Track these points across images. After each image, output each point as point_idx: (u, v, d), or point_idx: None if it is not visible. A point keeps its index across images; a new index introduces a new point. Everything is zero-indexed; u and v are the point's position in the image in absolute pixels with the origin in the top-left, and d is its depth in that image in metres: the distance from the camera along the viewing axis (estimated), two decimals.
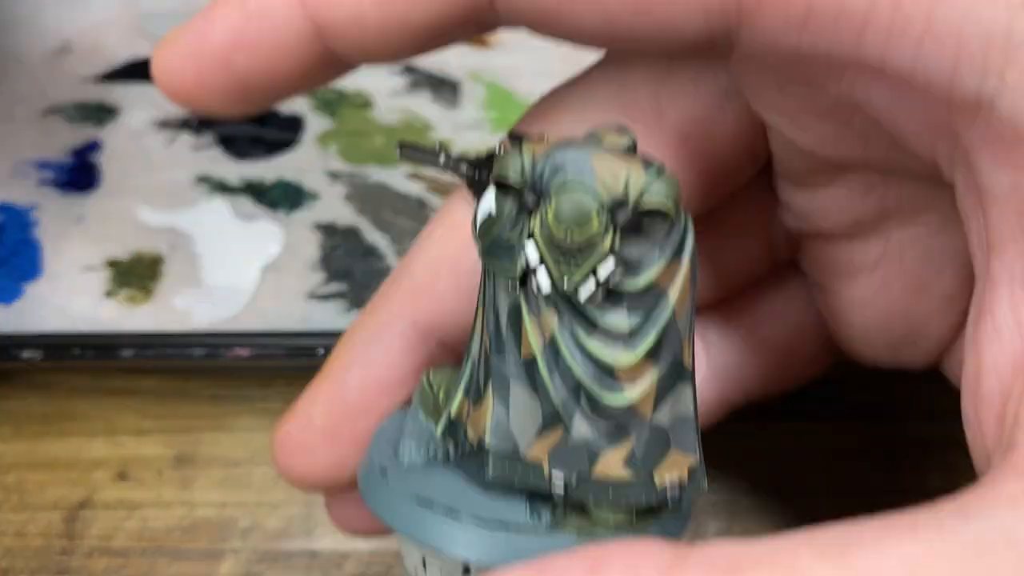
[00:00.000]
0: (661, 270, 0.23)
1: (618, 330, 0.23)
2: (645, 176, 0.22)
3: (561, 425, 0.24)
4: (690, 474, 0.24)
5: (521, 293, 0.24)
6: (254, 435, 0.40)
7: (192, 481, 0.38)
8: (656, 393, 0.24)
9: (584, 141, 0.23)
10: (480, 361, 0.25)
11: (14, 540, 0.37)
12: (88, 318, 0.41)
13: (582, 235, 0.22)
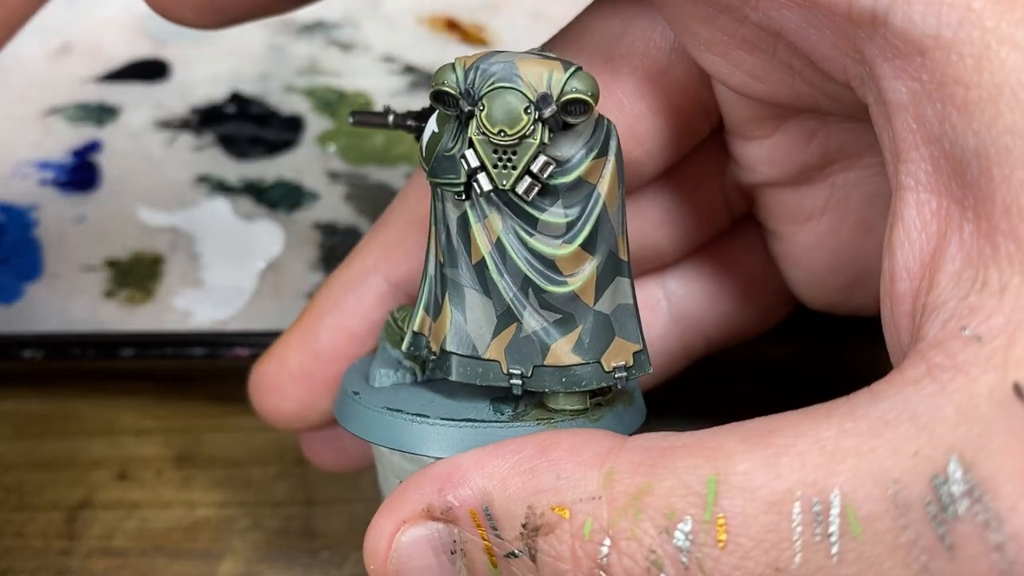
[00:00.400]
0: (589, 165, 0.26)
1: (556, 224, 0.26)
2: (564, 73, 0.25)
3: (514, 322, 0.26)
4: (635, 358, 0.27)
5: (467, 203, 0.26)
6: (254, 435, 0.40)
7: (192, 481, 0.39)
8: (596, 282, 0.26)
9: (511, 51, 0.26)
10: (436, 277, 0.27)
11: (14, 540, 0.37)
12: (88, 318, 0.41)
13: (514, 131, 0.25)
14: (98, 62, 0.51)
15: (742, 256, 0.34)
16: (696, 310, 0.34)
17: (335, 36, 0.52)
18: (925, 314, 0.23)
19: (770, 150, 0.30)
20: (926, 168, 0.24)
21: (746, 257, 0.34)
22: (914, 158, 0.24)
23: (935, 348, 0.22)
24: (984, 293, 0.22)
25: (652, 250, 0.33)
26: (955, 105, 0.23)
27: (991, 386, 0.21)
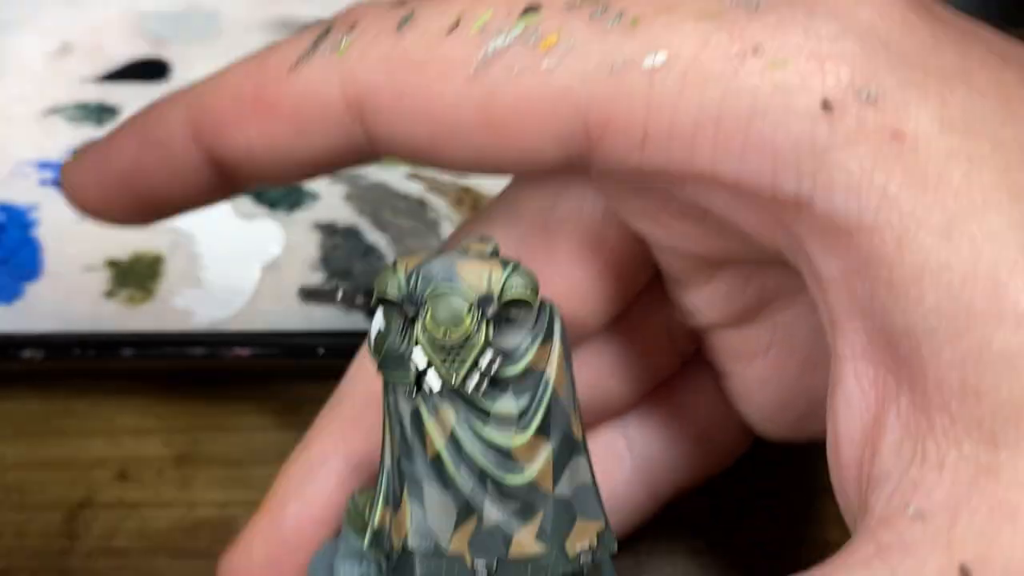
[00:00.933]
0: (535, 353, 0.26)
1: (508, 414, 0.26)
2: (504, 272, 0.25)
3: (474, 514, 0.26)
4: (599, 538, 0.27)
5: (419, 397, 0.26)
6: (254, 435, 0.40)
7: (192, 481, 0.39)
8: (553, 467, 0.26)
9: (450, 252, 0.26)
10: (393, 470, 0.27)
11: (14, 540, 0.37)
12: (88, 318, 0.41)
13: (458, 333, 0.25)
14: (98, 62, 0.51)
15: (698, 396, 0.34)
16: (658, 455, 0.34)
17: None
18: (870, 485, 0.24)
19: (709, 295, 0.30)
20: (861, 339, 0.24)
21: (702, 397, 0.34)
22: (849, 329, 0.24)
23: (882, 526, 0.23)
24: (924, 467, 0.23)
25: (605, 400, 0.33)
26: (882, 284, 0.23)
27: (939, 568, 0.22)
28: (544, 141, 0.26)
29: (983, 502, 0.22)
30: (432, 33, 0.26)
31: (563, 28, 0.26)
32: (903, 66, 0.24)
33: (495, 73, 0.26)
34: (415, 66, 0.26)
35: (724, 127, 0.24)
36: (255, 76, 0.28)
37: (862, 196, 0.23)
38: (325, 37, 0.28)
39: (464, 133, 0.26)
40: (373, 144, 0.28)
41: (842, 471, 0.25)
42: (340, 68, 0.27)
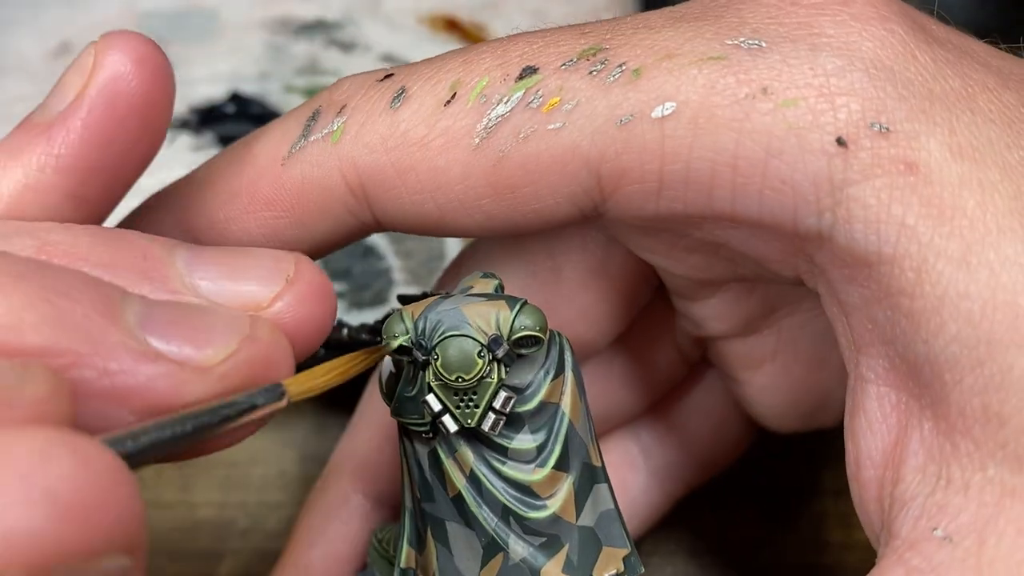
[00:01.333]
0: (549, 387, 0.26)
1: (526, 450, 0.26)
2: (511, 312, 0.25)
3: (500, 551, 0.26)
4: (625, 563, 0.27)
5: (435, 440, 0.26)
6: (254, 436, 0.40)
7: (192, 481, 0.38)
8: (575, 498, 0.26)
9: (455, 294, 0.26)
10: (415, 511, 0.27)
11: None
12: None
13: (471, 376, 0.25)
14: None
15: (706, 399, 0.35)
16: (672, 459, 0.35)
17: (335, 36, 0.52)
18: (894, 508, 0.24)
19: (713, 308, 0.31)
20: (884, 364, 0.25)
21: (710, 399, 0.35)
22: (872, 353, 0.25)
23: (911, 550, 0.23)
24: (949, 491, 0.23)
25: (616, 410, 0.34)
26: (903, 314, 0.24)
27: None
28: (556, 200, 0.26)
29: (1010, 524, 0.22)
30: (428, 107, 0.26)
31: (564, 87, 0.26)
32: (910, 95, 0.24)
33: (500, 140, 0.26)
34: (416, 143, 0.26)
35: (741, 170, 0.24)
36: (246, 172, 0.28)
37: (881, 228, 0.24)
38: (314, 121, 0.27)
39: (474, 202, 0.27)
40: (380, 222, 0.28)
41: (862, 491, 0.25)
42: (338, 154, 0.27)
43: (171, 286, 0.23)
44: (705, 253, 0.28)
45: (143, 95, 0.25)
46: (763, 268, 0.27)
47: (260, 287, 0.24)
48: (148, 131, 0.25)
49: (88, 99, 0.25)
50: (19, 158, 0.25)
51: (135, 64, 0.25)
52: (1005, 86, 0.25)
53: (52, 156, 0.25)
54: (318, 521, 0.33)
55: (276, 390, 0.23)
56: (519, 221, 0.27)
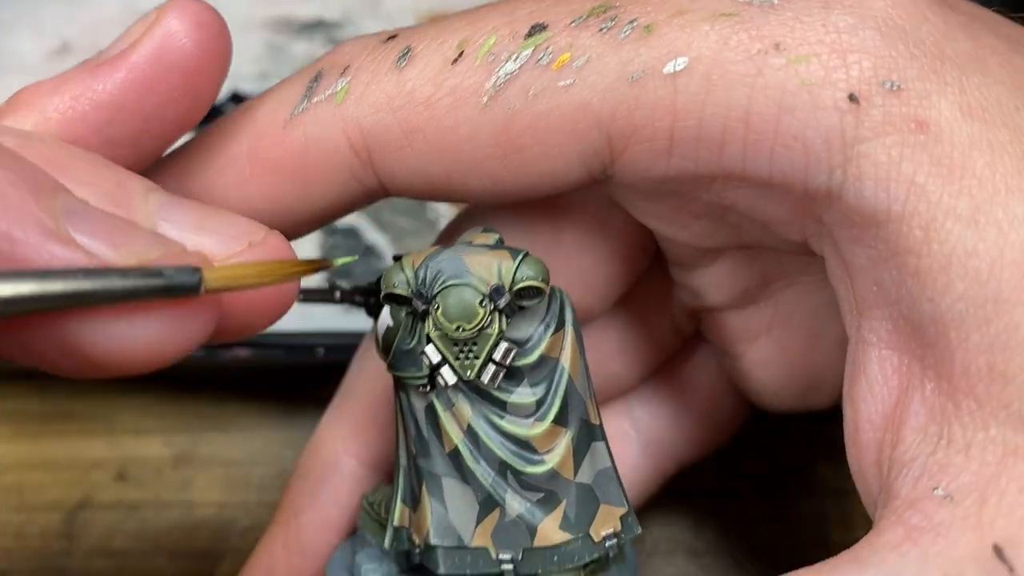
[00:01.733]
0: (549, 342, 0.26)
1: (525, 404, 0.26)
2: (513, 262, 0.25)
3: (497, 506, 0.26)
4: (622, 522, 0.27)
5: (432, 393, 0.26)
6: (254, 435, 0.40)
7: (192, 481, 0.38)
8: (573, 454, 0.26)
9: (457, 246, 0.26)
10: (410, 468, 0.27)
11: (13, 541, 0.37)
12: None
13: (471, 326, 0.25)
14: None
15: (700, 373, 0.34)
16: (663, 435, 0.35)
17: (335, 35, 0.52)
18: (894, 469, 0.24)
19: (712, 278, 0.31)
20: (887, 326, 0.25)
21: (703, 375, 0.34)
22: (875, 316, 0.25)
23: (910, 508, 0.23)
24: (951, 450, 0.23)
25: (609, 381, 0.33)
26: (909, 273, 0.24)
27: (972, 549, 0.22)
28: (565, 160, 0.26)
29: (1012, 483, 0.22)
30: (435, 66, 0.26)
31: (574, 44, 0.25)
32: (921, 55, 0.24)
33: (510, 98, 0.26)
34: (423, 102, 0.26)
35: (753, 126, 0.24)
36: (247, 136, 0.27)
37: (891, 186, 0.24)
38: (317, 83, 0.27)
39: (481, 163, 0.26)
40: (386, 186, 0.27)
41: (861, 455, 0.25)
42: (342, 115, 0.26)
43: (133, 216, 0.23)
44: (711, 218, 0.28)
45: (193, 56, 0.25)
46: (769, 232, 0.27)
47: (218, 244, 0.23)
48: (191, 92, 0.25)
49: (140, 47, 0.25)
50: (64, 86, 0.25)
51: (192, 26, 0.25)
52: (1015, 51, 0.25)
53: (92, 89, 0.25)
54: (308, 486, 0.32)
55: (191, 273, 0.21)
56: (526, 184, 0.27)
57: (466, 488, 0.26)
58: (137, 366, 0.22)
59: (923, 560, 0.22)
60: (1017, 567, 0.22)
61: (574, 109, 0.25)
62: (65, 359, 0.21)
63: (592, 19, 0.26)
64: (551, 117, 0.26)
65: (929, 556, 0.22)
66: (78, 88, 0.25)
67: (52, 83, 0.25)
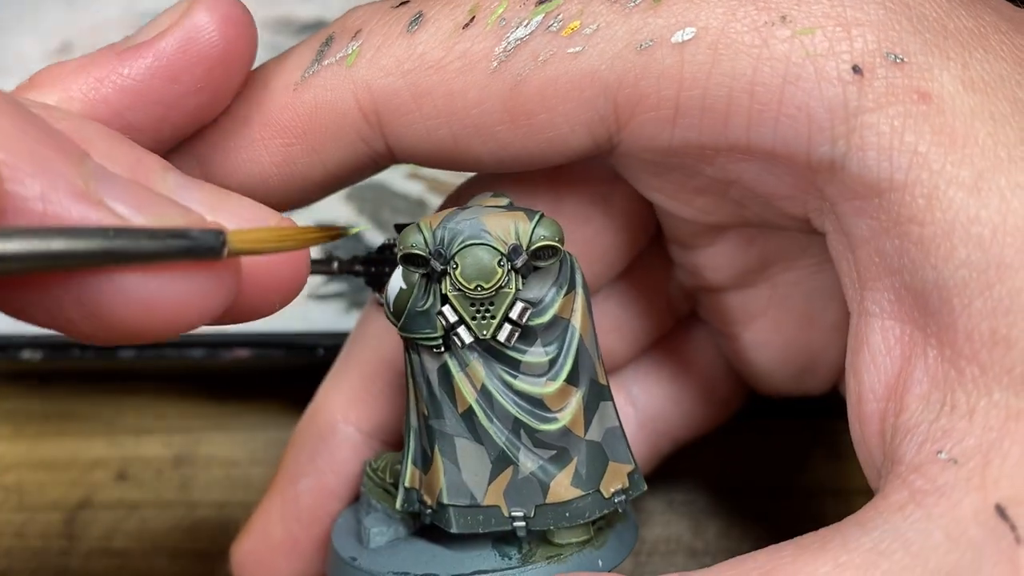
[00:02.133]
0: (562, 302, 0.26)
1: (539, 364, 0.26)
2: (530, 223, 0.26)
3: (510, 465, 0.27)
4: (630, 479, 0.27)
5: (447, 354, 0.26)
6: (254, 435, 0.40)
7: (192, 481, 0.39)
8: (584, 412, 0.27)
9: (472, 207, 0.26)
10: (421, 429, 0.27)
11: (13, 541, 0.37)
12: None
13: (490, 285, 0.26)
14: None
15: (698, 354, 0.35)
16: (661, 412, 0.35)
17: None
18: (898, 436, 0.24)
19: (711, 257, 0.31)
20: (889, 297, 0.25)
21: (701, 354, 0.35)
22: (878, 287, 0.25)
23: (915, 472, 0.23)
24: (954, 416, 0.23)
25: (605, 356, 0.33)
26: (912, 241, 0.24)
27: (975, 508, 0.22)
28: (572, 128, 0.26)
29: (1015, 445, 0.22)
30: (446, 30, 0.26)
31: (585, 11, 0.26)
32: (924, 29, 0.24)
33: (519, 63, 0.26)
34: (433, 65, 0.26)
35: (758, 96, 0.25)
36: (257, 98, 0.27)
37: (893, 156, 0.24)
38: (328, 46, 0.27)
39: (489, 128, 0.26)
40: (393, 151, 0.28)
41: (864, 426, 0.25)
42: (352, 77, 0.27)
43: None
44: (714, 194, 0.28)
45: (219, 49, 0.26)
46: (771, 208, 0.27)
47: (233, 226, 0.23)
48: (214, 85, 0.26)
49: (168, 36, 0.25)
50: (89, 68, 0.26)
51: (220, 20, 0.25)
52: (1017, 30, 0.25)
53: (117, 73, 0.25)
54: (306, 453, 0.32)
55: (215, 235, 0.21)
56: (533, 151, 0.27)
57: (479, 447, 0.27)
58: (158, 330, 0.22)
59: (927, 520, 0.22)
60: (1019, 525, 0.22)
61: (582, 76, 0.26)
62: (88, 320, 0.21)
63: None
64: (559, 83, 0.26)
65: (932, 516, 0.22)
66: (103, 71, 0.26)
67: (76, 63, 0.26)
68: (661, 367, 0.35)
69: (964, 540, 0.22)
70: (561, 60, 0.26)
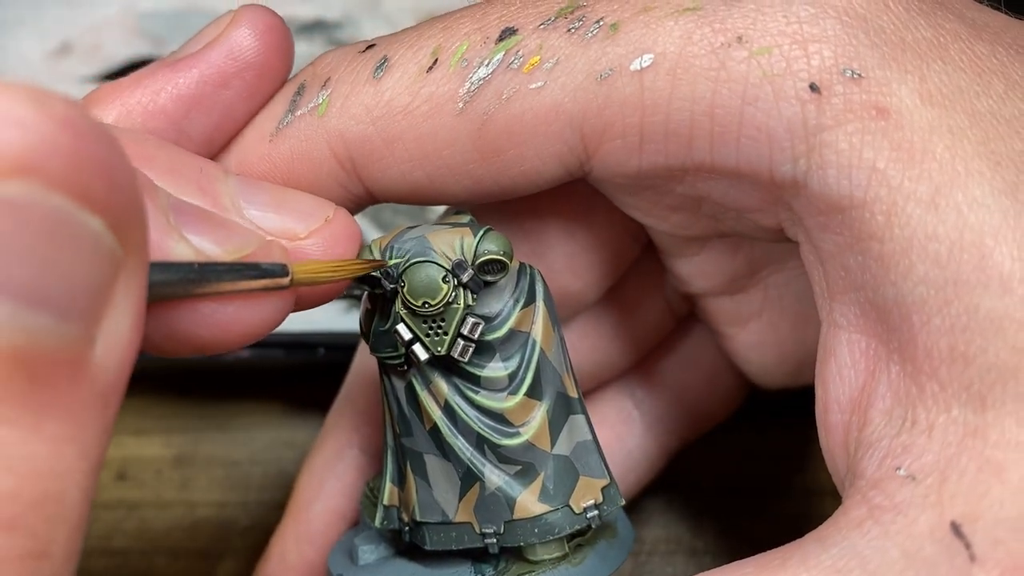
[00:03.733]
0: (519, 315, 0.26)
1: (498, 378, 0.26)
2: (474, 237, 0.26)
3: (476, 481, 0.27)
4: (604, 493, 0.27)
5: (411, 371, 0.27)
6: (254, 435, 0.40)
7: (192, 481, 0.39)
8: (549, 426, 0.27)
9: (422, 225, 0.27)
10: (396, 447, 0.28)
11: None
12: None
13: (436, 301, 0.26)
14: (98, 62, 0.51)
15: (699, 352, 0.35)
16: (666, 413, 0.35)
17: (335, 36, 0.52)
18: (860, 449, 0.24)
19: (700, 265, 0.31)
20: (855, 310, 0.25)
21: (702, 352, 0.35)
22: (845, 300, 0.25)
23: (874, 488, 0.23)
24: (914, 432, 0.23)
25: (608, 364, 0.34)
26: (873, 258, 0.24)
27: (931, 526, 0.22)
28: (542, 160, 0.27)
29: (971, 462, 0.23)
30: (411, 75, 0.27)
31: (544, 46, 0.26)
32: (882, 43, 0.24)
33: (484, 102, 0.26)
34: (401, 111, 0.27)
35: (719, 119, 0.25)
36: (234, 150, 0.28)
37: (853, 173, 0.24)
38: (300, 96, 0.28)
39: (462, 167, 0.27)
40: (372, 193, 0.28)
41: (829, 436, 0.26)
42: (324, 127, 0.27)
43: (220, 202, 0.25)
44: (688, 210, 0.28)
45: (260, 57, 0.27)
46: (745, 221, 0.27)
47: (299, 222, 0.25)
48: (260, 90, 0.28)
49: (216, 46, 0.27)
50: (144, 82, 0.27)
51: (262, 30, 0.27)
52: (978, 37, 0.25)
53: (172, 83, 0.27)
54: (316, 478, 0.33)
55: (281, 268, 0.24)
56: (507, 184, 0.27)
57: (447, 464, 0.27)
58: (228, 345, 0.24)
59: (883, 537, 0.23)
60: (974, 542, 0.22)
61: (547, 110, 0.26)
62: (167, 340, 0.23)
63: (560, 20, 0.26)
64: (525, 119, 0.26)
65: (889, 534, 0.23)
66: (159, 83, 0.27)
67: (132, 78, 0.27)
68: (664, 368, 0.35)
69: (920, 558, 0.22)
70: (525, 96, 0.26)
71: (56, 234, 0.18)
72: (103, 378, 0.20)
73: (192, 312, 0.23)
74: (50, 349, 0.18)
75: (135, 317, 0.20)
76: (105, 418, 0.20)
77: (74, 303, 0.18)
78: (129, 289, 0.19)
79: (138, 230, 0.19)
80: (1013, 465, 0.22)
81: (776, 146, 0.25)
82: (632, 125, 0.26)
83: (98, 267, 0.18)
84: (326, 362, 0.38)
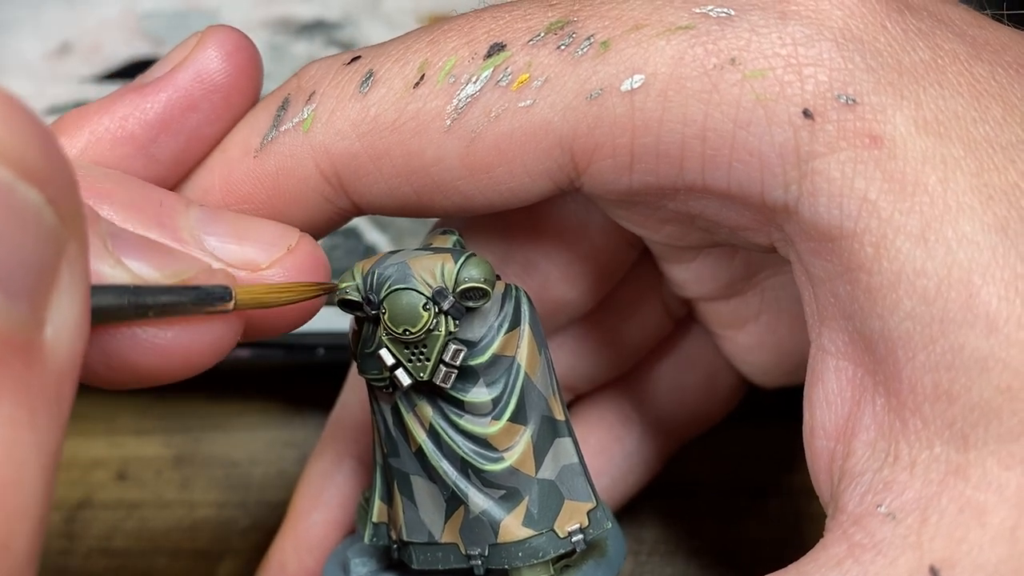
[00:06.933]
0: (503, 340, 0.26)
1: (482, 403, 0.26)
2: (455, 264, 0.26)
3: (461, 504, 0.27)
4: (590, 517, 0.27)
5: (396, 394, 0.27)
6: (254, 435, 0.40)
7: (192, 481, 0.39)
8: (534, 451, 0.26)
9: (405, 250, 0.26)
10: (384, 466, 0.28)
11: None
12: None
13: (417, 329, 0.25)
14: (98, 62, 0.51)
15: (697, 352, 0.35)
16: (665, 414, 0.35)
17: (335, 36, 0.52)
18: (844, 480, 0.24)
19: (696, 271, 0.31)
20: (843, 338, 0.25)
21: (701, 352, 0.35)
22: (834, 327, 0.25)
23: (855, 525, 0.23)
24: (896, 467, 0.23)
25: (607, 368, 0.34)
26: (861, 289, 0.24)
27: (910, 568, 0.22)
28: (531, 178, 0.26)
29: (952, 502, 0.22)
30: (398, 91, 0.26)
31: (533, 63, 0.26)
32: (878, 67, 0.24)
33: (472, 120, 0.26)
34: (388, 127, 0.26)
35: (710, 142, 0.25)
36: (219, 167, 0.28)
37: (844, 203, 0.24)
38: (284, 111, 0.27)
39: (450, 183, 0.27)
40: (359, 207, 0.28)
41: (815, 461, 0.26)
42: (310, 143, 0.27)
43: (179, 235, 0.24)
44: (680, 223, 0.28)
45: (228, 79, 0.27)
46: (738, 236, 0.27)
47: (261, 251, 0.25)
48: (229, 112, 0.27)
49: (183, 69, 0.27)
50: (111, 108, 0.27)
51: (226, 54, 0.27)
52: (978, 57, 0.25)
53: (139, 108, 0.27)
54: (315, 487, 0.33)
55: (224, 290, 0.23)
56: (496, 200, 0.27)
57: (433, 486, 0.27)
58: (172, 374, 0.23)
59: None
60: None
61: (536, 129, 0.26)
62: (107, 368, 0.23)
63: (550, 36, 0.26)
64: (514, 137, 0.26)
65: (868, 574, 0.23)
66: (127, 108, 0.27)
67: (99, 105, 0.27)
68: (662, 369, 0.35)
69: None
70: (513, 115, 0.26)
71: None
72: (55, 364, 0.19)
73: (130, 338, 0.23)
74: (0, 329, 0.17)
75: (82, 304, 0.19)
76: (60, 409, 0.20)
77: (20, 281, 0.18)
78: (74, 274, 0.19)
79: (76, 211, 0.19)
80: (993, 509, 0.22)
81: (768, 171, 0.24)
82: (622, 146, 0.25)
83: (42, 243, 0.18)
84: (326, 362, 0.38)
